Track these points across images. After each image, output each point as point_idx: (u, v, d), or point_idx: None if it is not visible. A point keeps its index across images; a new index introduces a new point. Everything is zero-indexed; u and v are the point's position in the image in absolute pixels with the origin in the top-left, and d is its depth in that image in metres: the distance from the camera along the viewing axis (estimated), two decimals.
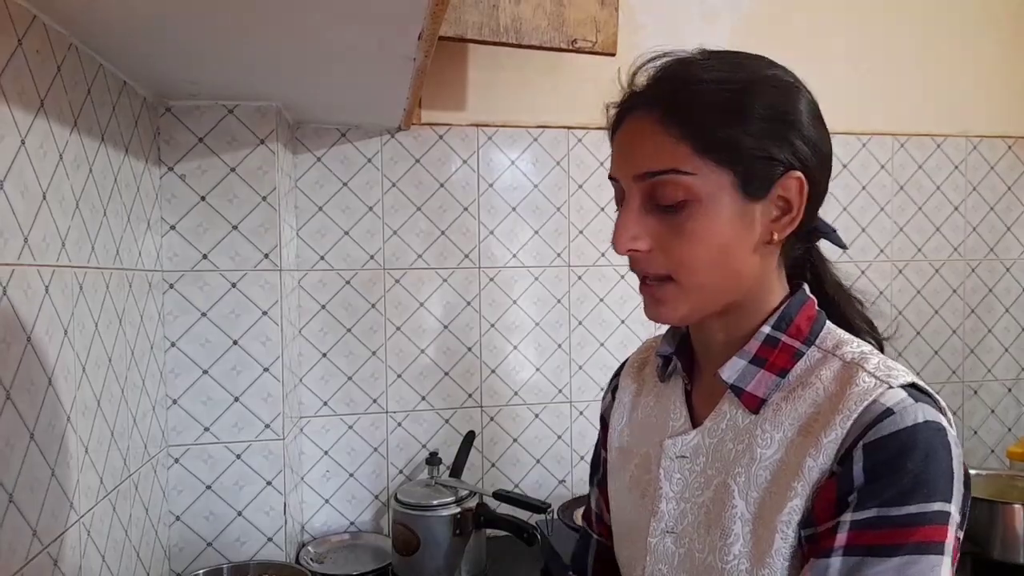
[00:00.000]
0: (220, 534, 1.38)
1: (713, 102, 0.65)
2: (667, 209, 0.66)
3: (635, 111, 0.70)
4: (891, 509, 0.58)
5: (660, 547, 0.73)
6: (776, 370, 0.69)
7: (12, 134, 0.80)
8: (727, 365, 0.70)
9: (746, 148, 0.65)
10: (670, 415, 0.78)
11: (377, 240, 1.64)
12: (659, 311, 0.70)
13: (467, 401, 1.70)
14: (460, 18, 1.35)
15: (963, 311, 1.98)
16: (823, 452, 0.62)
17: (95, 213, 1.03)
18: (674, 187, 0.65)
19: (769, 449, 0.66)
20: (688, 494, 0.72)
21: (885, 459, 0.59)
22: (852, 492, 0.59)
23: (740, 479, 0.67)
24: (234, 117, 1.36)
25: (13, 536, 0.79)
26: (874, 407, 0.61)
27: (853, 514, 0.59)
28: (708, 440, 0.71)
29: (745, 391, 0.69)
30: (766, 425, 0.67)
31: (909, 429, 0.59)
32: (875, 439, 0.60)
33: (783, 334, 0.69)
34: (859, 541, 0.58)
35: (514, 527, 1.45)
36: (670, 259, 0.67)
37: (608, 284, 1.77)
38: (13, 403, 0.79)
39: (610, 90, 0.77)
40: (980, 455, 2.00)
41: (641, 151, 0.68)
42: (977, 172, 1.97)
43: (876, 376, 0.64)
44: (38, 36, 0.86)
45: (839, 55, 1.87)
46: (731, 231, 0.66)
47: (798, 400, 0.66)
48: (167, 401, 1.35)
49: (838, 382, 0.65)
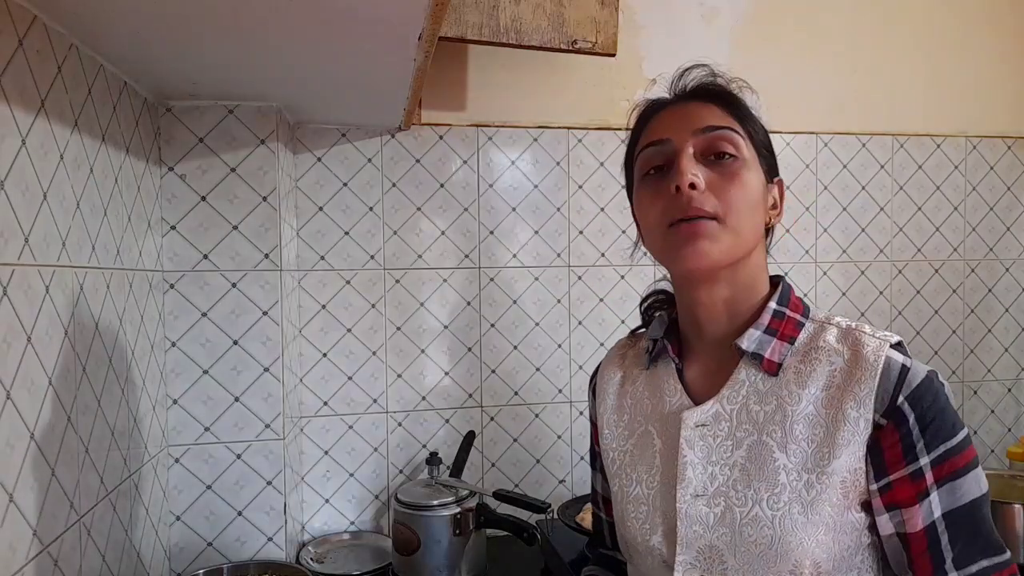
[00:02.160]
0: (220, 534, 1.38)
1: (745, 104, 0.85)
2: (721, 158, 0.79)
3: (684, 100, 0.85)
4: (950, 442, 0.73)
5: (692, 511, 0.78)
6: (787, 338, 0.80)
7: (13, 134, 0.80)
8: (745, 336, 0.80)
9: (765, 143, 0.84)
10: (665, 393, 0.86)
11: (377, 240, 1.65)
12: (700, 246, 0.77)
13: (467, 401, 1.71)
14: (460, 18, 1.35)
15: (963, 311, 1.98)
16: (862, 403, 0.73)
17: (95, 213, 1.03)
18: (730, 141, 0.80)
19: (799, 405, 0.76)
20: (715, 457, 0.79)
21: (927, 407, 0.72)
22: (917, 441, 0.72)
23: (776, 435, 0.76)
24: (234, 117, 1.36)
25: (14, 536, 0.79)
26: (892, 364, 0.74)
27: (929, 456, 0.72)
28: (728, 407, 0.80)
29: (765, 357, 0.79)
30: (791, 386, 0.78)
31: (926, 380, 0.73)
32: (910, 392, 0.73)
33: (787, 308, 0.82)
34: (943, 473, 0.72)
35: (514, 527, 1.45)
36: (721, 199, 0.77)
37: (608, 284, 1.77)
38: (13, 403, 0.79)
39: (610, 90, 0.82)
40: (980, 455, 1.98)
41: (702, 115, 0.81)
42: (977, 172, 1.98)
43: (876, 337, 0.77)
44: (39, 36, 0.86)
45: (839, 55, 1.87)
46: (760, 195, 0.81)
47: (814, 362, 0.78)
48: (167, 401, 1.35)
49: (846, 344, 0.77)
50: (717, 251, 0.77)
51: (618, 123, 1.76)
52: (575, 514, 1.52)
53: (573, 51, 1.45)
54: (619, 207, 1.76)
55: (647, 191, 0.82)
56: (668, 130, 0.81)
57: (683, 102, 0.84)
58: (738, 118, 0.82)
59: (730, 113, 0.82)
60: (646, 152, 0.83)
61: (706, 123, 0.80)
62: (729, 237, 0.77)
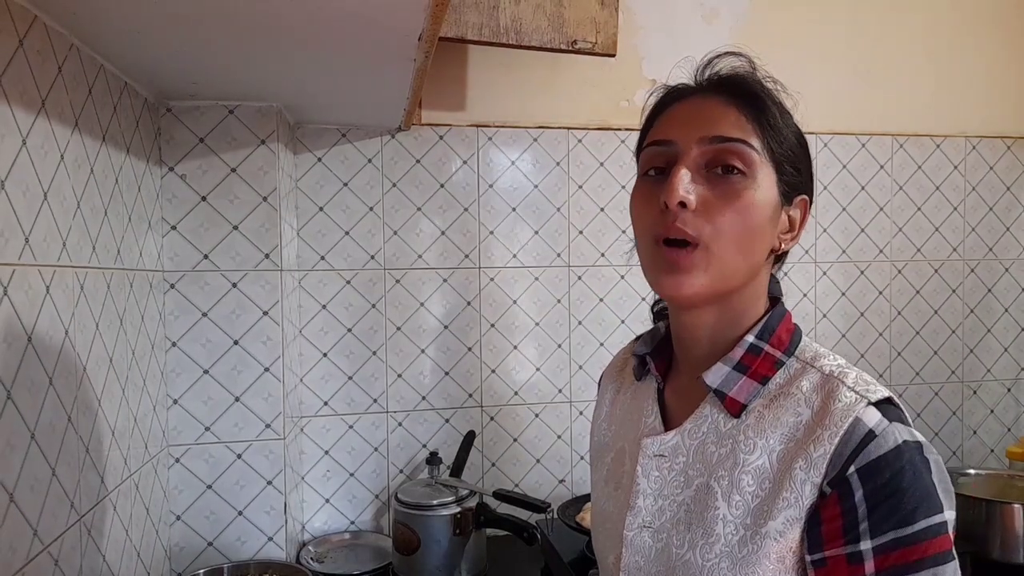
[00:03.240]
0: (221, 534, 1.38)
1: (773, 109, 0.73)
2: (726, 172, 0.70)
3: (705, 93, 0.74)
4: (904, 529, 0.62)
5: (637, 540, 0.75)
6: (758, 377, 0.72)
7: (13, 134, 0.80)
8: (712, 370, 0.73)
9: (790, 158, 0.73)
10: (643, 413, 0.81)
11: (377, 240, 1.65)
12: (679, 279, 0.70)
13: (467, 401, 1.71)
14: (460, 18, 1.35)
15: (962, 311, 1.98)
16: (813, 466, 0.65)
17: (96, 213, 1.03)
18: (740, 156, 0.70)
19: (752, 455, 0.69)
20: (667, 491, 0.74)
21: (881, 484, 0.62)
22: (862, 520, 0.63)
23: (723, 482, 0.70)
24: (235, 117, 1.36)
25: (14, 536, 0.79)
26: (858, 428, 0.64)
27: (872, 541, 0.62)
28: (688, 441, 0.74)
29: (728, 396, 0.72)
30: (749, 432, 0.70)
31: (893, 452, 0.63)
32: (865, 463, 0.63)
33: (766, 343, 0.73)
34: (887, 563, 0.62)
35: (514, 527, 1.45)
36: (710, 222, 0.69)
37: (608, 284, 1.77)
38: (14, 403, 0.79)
39: (610, 90, 0.79)
40: (980, 455, 2.00)
41: (714, 119, 0.72)
42: (976, 172, 1.98)
43: (856, 391, 0.67)
44: (39, 36, 0.86)
45: (839, 55, 1.88)
46: (765, 219, 0.71)
47: (780, 409, 0.69)
48: (168, 401, 1.35)
49: (820, 394, 0.68)
50: (698, 285, 0.69)
51: (618, 123, 1.76)
52: (575, 514, 1.52)
53: (573, 51, 1.45)
54: (619, 207, 1.76)
55: (641, 194, 0.75)
56: (675, 130, 0.73)
57: (702, 96, 0.74)
58: (759, 126, 0.71)
59: (752, 119, 0.71)
60: (649, 150, 0.75)
61: (717, 130, 0.70)
62: (715, 268, 0.69)
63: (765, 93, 0.74)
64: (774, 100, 0.74)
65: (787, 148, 0.73)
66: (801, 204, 0.75)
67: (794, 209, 0.75)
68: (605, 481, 0.83)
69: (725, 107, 0.72)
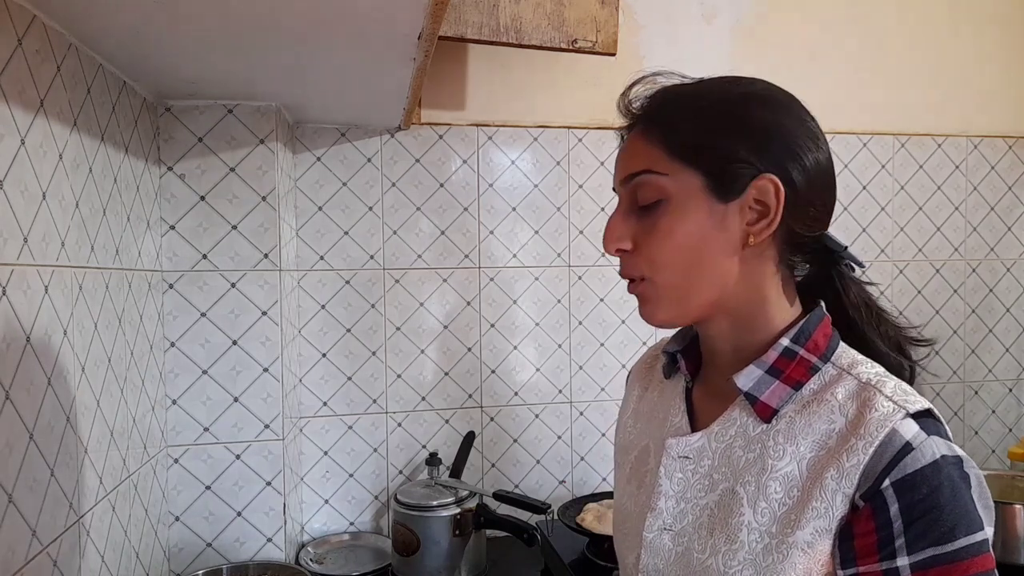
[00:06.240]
0: (220, 534, 1.38)
1: (686, 110, 0.71)
2: (645, 209, 0.71)
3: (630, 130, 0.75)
4: (943, 547, 0.60)
5: (656, 543, 0.74)
6: (792, 382, 0.69)
7: (12, 134, 0.80)
8: (743, 373, 0.70)
9: (713, 150, 0.68)
10: (670, 412, 0.79)
11: (377, 240, 1.64)
12: (646, 309, 0.73)
13: (467, 401, 1.70)
14: (460, 18, 1.35)
15: (964, 311, 1.98)
16: (845, 476, 0.63)
17: (95, 213, 1.03)
18: (649, 187, 0.70)
19: (781, 461, 0.67)
20: (690, 494, 0.73)
21: (918, 499, 0.60)
22: (897, 536, 0.61)
23: (750, 488, 0.68)
24: (234, 117, 1.36)
25: (13, 536, 0.78)
26: (894, 440, 0.62)
27: (910, 558, 0.60)
28: (715, 444, 0.72)
29: (760, 400, 0.70)
30: (779, 437, 0.68)
31: (930, 466, 0.61)
32: (901, 477, 0.61)
33: (801, 348, 0.70)
34: None
35: (514, 527, 1.45)
36: (644, 258, 0.71)
37: (608, 284, 1.76)
38: (12, 403, 0.79)
39: (610, 90, 0.78)
40: (981, 455, 2.00)
41: (628, 157, 0.73)
42: (978, 172, 1.97)
43: (894, 401, 0.64)
44: (38, 36, 0.86)
45: (839, 55, 1.87)
46: (701, 231, 0.69)
47: (812, 415, 0.67)
48: (167, 401, 1.35)
49: (855, 403, 0.66)
50: (663, 312, 0.71)
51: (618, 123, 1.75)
52: (575, 515, 1.51)
53: (573, 50, 1.45)
54: None
55: None
56: (615, 176, 0.76)
57: (629, 133, 0.75)
58: (664, 139, 0.69)
59: (655, 137, 0.70)
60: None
61: (628, 169, 0.72)
62: (668, 296, 0.70)
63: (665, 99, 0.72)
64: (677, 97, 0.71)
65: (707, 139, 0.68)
66: (764, 183, 0.67)
67: (756, 193, 0.68)
68: (628, 479, 0.82)
69: (635, 139, 0.73)
